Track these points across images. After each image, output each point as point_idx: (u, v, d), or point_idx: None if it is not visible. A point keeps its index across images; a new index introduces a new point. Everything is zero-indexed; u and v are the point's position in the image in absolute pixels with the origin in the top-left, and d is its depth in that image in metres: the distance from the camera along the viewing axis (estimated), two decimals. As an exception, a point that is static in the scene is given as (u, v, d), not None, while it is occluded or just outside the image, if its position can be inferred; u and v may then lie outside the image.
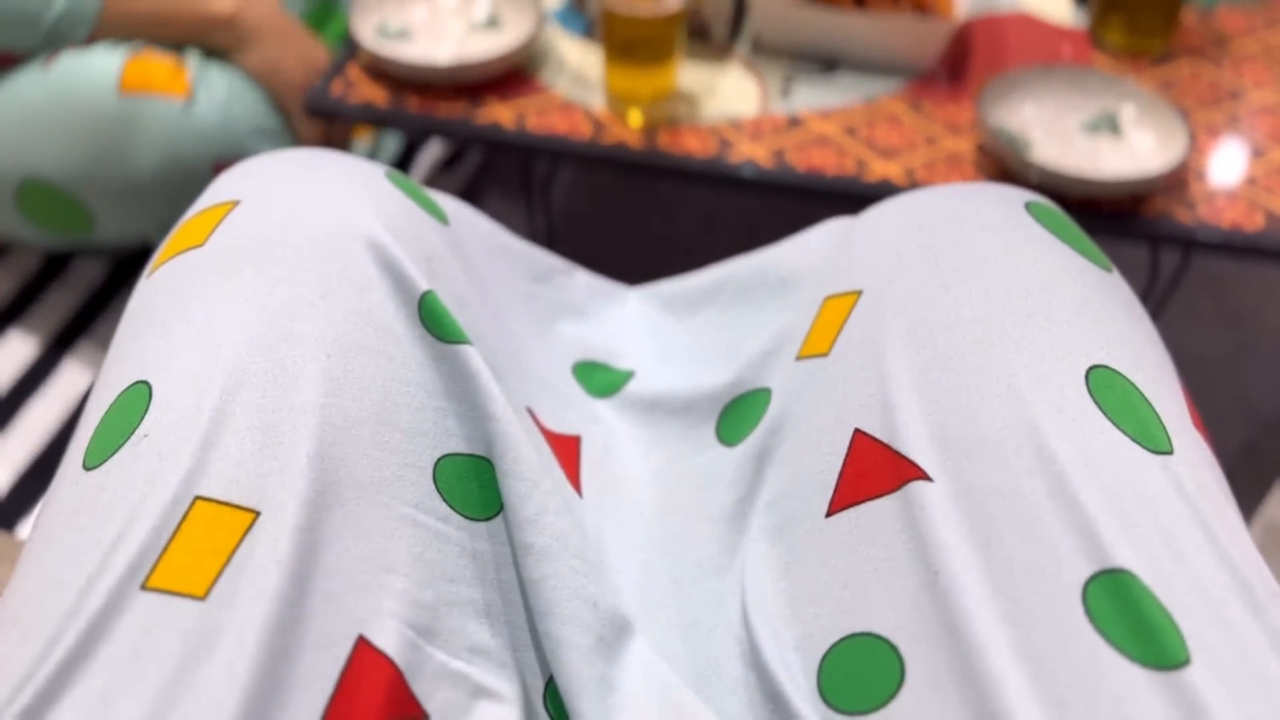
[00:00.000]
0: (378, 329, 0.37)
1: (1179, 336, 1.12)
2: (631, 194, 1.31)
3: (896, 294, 0.38)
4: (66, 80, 0.81)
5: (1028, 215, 0.40)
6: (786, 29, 0.88)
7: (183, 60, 0.83)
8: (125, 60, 0.81)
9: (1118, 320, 0.38)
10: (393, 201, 0.40)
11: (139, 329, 0.37)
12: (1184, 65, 0.90)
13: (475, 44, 0.89)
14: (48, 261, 0.98)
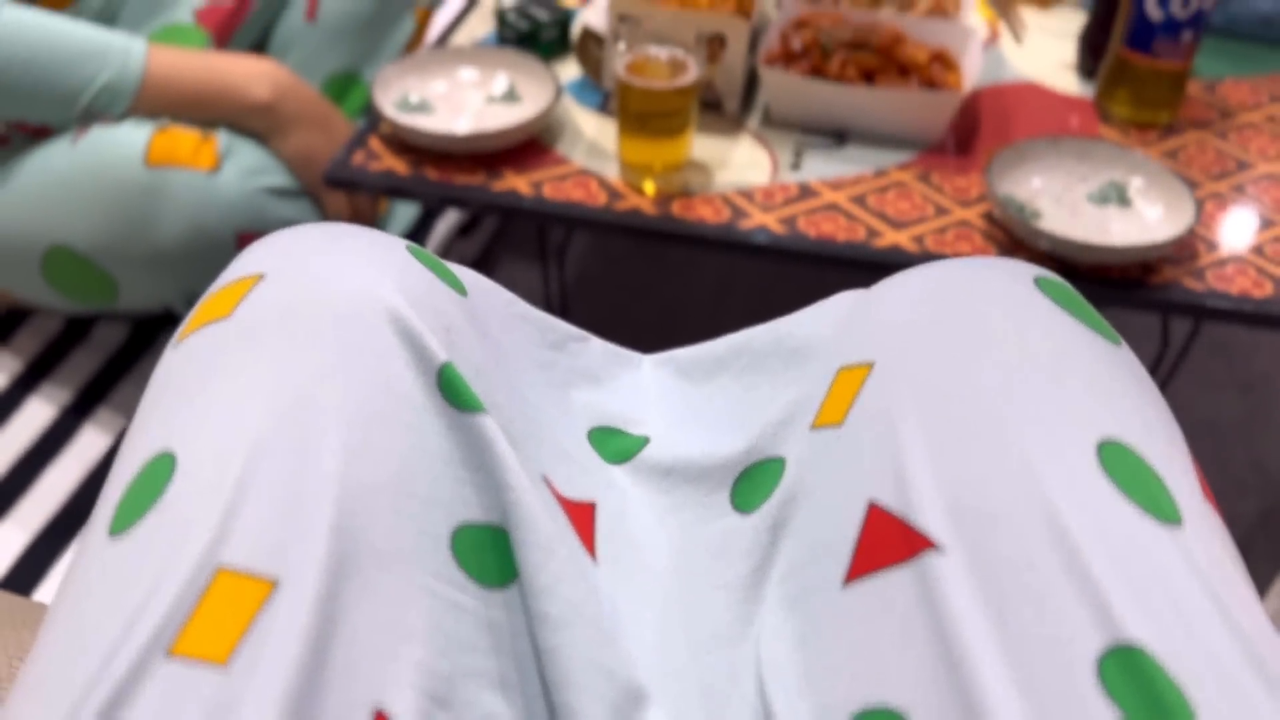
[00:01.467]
0: (397, 399, 0.37)
1: (1191, 403, 1.12)
2: (645, 259, 1.33)
3: (909, 366, 0.39)
4: (94, 152, 0.83)
5: (1037, 290, 0.41)
6: (796, 103, 0.90)
7: (211, 133, 0.86)
8: (152, 133, 0.83)
9: (1127, 393, 0.38)
10: (413, 274, 0.41)
11: (165, 398, 0.38)
12: (1190, 136, 0.91)
13: (494, 116, 0.91)
14: (70, 324, 1.00)
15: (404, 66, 0.93)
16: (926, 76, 0.88)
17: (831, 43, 0.89)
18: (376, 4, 1.13)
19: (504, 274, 1.30)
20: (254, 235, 0.86)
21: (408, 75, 0.93)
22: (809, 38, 0.89)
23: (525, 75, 0.94)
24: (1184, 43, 0.87)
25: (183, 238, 0.83)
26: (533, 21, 1.00)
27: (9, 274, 0.90)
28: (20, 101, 0.82)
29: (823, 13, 0.92)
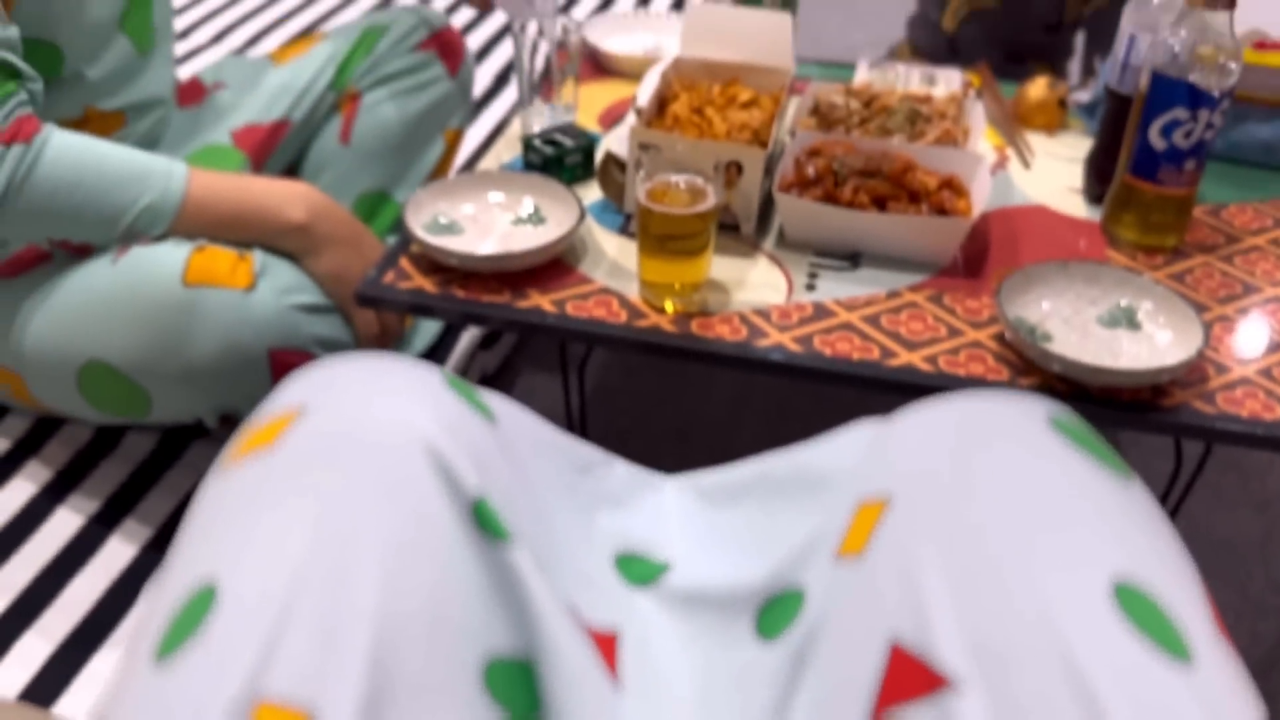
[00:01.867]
0: (432, 530, 0.39)
1: (1207, 523, 1.12)
2: (662, 372, 1.35)
3: (927, 503, 0.40)
4: (134, 270, 0.86)
5: (1050, 429, 0.42)
6: (811, 227, 0.93)
7: (247, 253, 0.89)
8: (191, 253, 0.87)
9: (1139, 530, 0.39)
10: (447, 404, 0.43)
11: (209, 526, 0.40)
12: (1197, 260, 0.94)
13: (520, 237, 0.94)
14: (100, 433, 1.02)
15: (435, 190, 0.97)
16: (937, 202, 0.91)
17: (844, 170, 0.92)
18: (408, 127, 1.18)
19: (524, 385, 1.33)
20: (286, 352, 0.89)
21: (439, 198, 0.96)
22: (822, 165, 0.93)
23: (550, 198, 0.98)
24: (1187, 171, 0.90)
25: (216, 354, 0.86)
26: (558, 147, 1.04)
27: (45, 386, 0.93)
28: (67, 222, 0.86)
29: (835, 141, 0.96)
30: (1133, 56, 0.95)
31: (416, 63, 1.18)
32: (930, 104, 1.04)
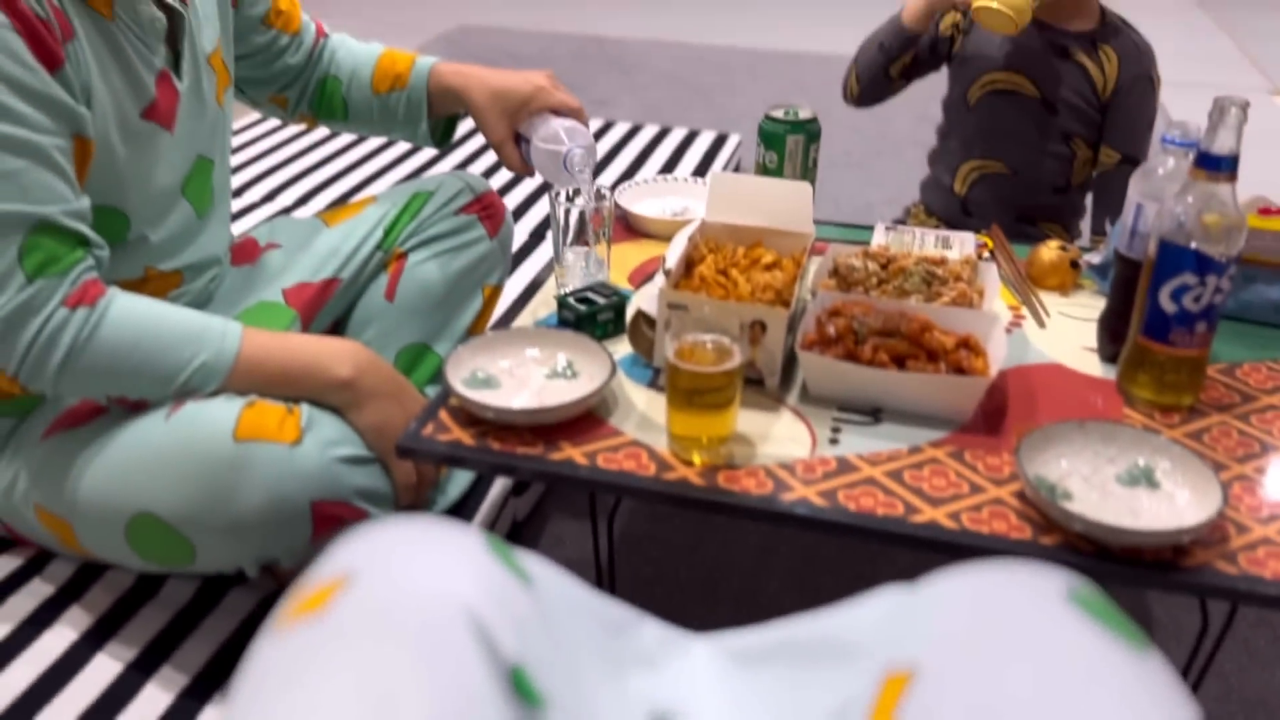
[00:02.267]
0: (472, 699, 0.41)
1: (1238, 680, 1.11)
2: (689, 520, 1.37)
3: (951, 677, 0.42)
4: (187, 425, 0.90)
5: (1069, 604, 0.45)
6: (833, 384, 0.96)
7: (295, 407, 0.93)
8: (242, 408, 0.90)
9: (1156, 704, 0.41)
10: (489, 572, 0.46)
11: (260, 693, 0.42)
12: (1213, 419, 0.96)
13: (553, 391, 0.98)
14: (141, 580, 1.05)
15: (475, 346, 1.01)
16: (955, 361, 0.94)
17: (864, 329, 0.96)
18: (449, 284, 1.25)
19: (553, 532, 1.35)
20: (327, 503, 0.92)
21: (478, 354, 1.01)
22: (843, 324, 0.97)
23: (583, 353, 1.02)
24: (1199, 333, 0.93)
25: (262, 508, 0.89)
26: (590, 305, 1.09)
27: (94, 536, 0.96)
28: (125, 381, 0.91)
29: (855, 302, 1.01)
30: (1140, 224, 0.99)
31: (459, 225, 1.26)
32: (945, 266, 1.09)
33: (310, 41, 1.26)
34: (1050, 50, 1.48)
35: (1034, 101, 1.49)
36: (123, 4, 0.95)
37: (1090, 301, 1.16)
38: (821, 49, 3.62)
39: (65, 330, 0.87)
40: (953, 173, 1.59)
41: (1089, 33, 1.48)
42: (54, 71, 0.86)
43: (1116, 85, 1.46)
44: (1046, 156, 1.52)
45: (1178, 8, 4.28)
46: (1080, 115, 1.48)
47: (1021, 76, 1.49)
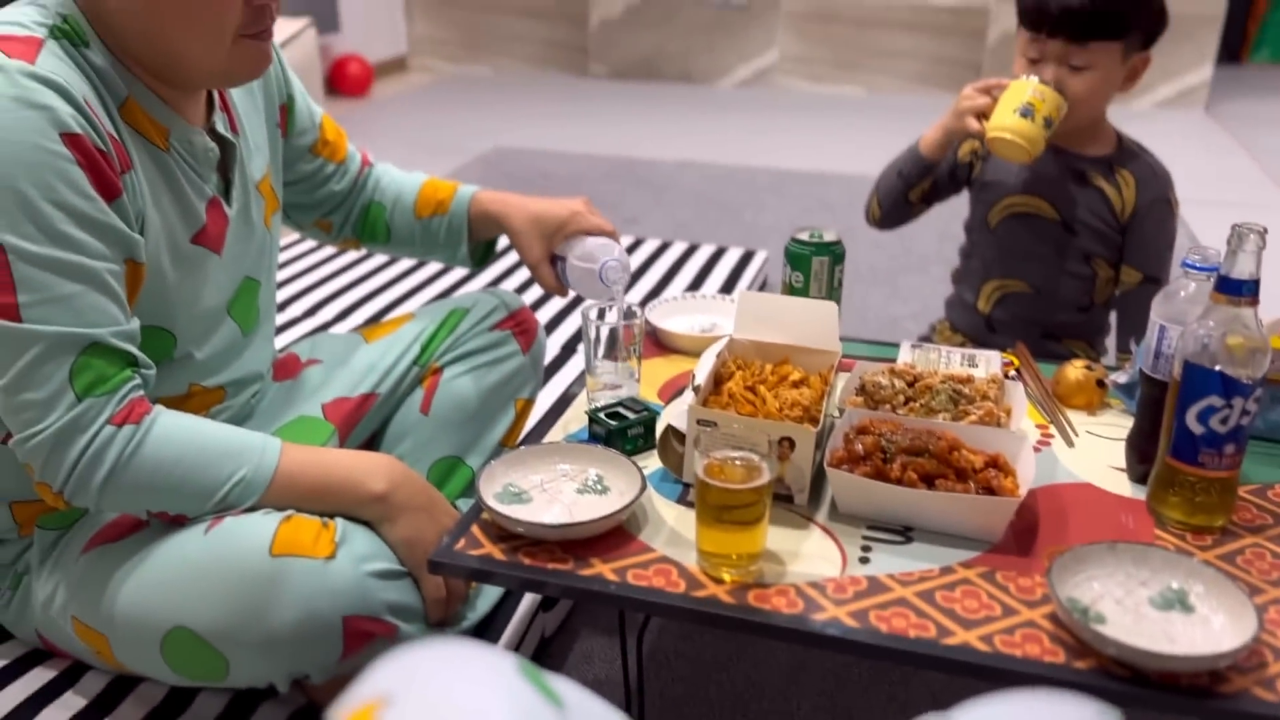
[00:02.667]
0: None
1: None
2: (720, 636, 1.35)
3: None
4: (224, 541, 0.91)
5: None
6: (862, 502, 0.97)
7: (330, 522, 0.95)
8: (279, 523, 0.92)
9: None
10: (521, 696, 0.47)
11: None
12: (1246, 541, 0.95)
13: (584, 506, 0.99)
14: (172, 693, 1.05)
15: (508, 461, 1.03)
16: (984, 480, 0.95)
17: (892, 447, 0.97)
18: (483, 398, 1.27)
19: (581, 649, 1.33)
20: (359, 619, 0.92)
21: (511, 469, 1.03)
22: (871, 442, 0.98)
23: (613, 468, 1.04)
24: (1228, 454, 0.94)
25: (295, 623, 0.89)
26: (620, 420, 1.11)
27: (129, 650, 0.97)
28: (165, 497, 0.93)
29: (882, 419, 1.02)
30: (1164, 345, 1.00)
31: (494, 340, 1.29)
32: (972, 385, 1.10)
33: (355, 170, 1.32)
34: (1068, 175, 1.52)
35: (1054, 224, 1.53)
36: (177, 136, 1.00)
37: (1118, 420, 1.16)
38: (845, 170, 3.71)
39: (110, 448, 0.89)
40: (976, 291, 1.62)
41: (1106, 158, 1.52)
42: (111, 201, 0.91)
43: (1135, 208, 1.50)
44: (1068, 276, 1.54)
45: (1196, 128, 4.36)
46: (1100, 237, 1.51)
47: (1041, 200, 1.53)
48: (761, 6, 4.91)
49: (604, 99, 4.79)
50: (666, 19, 5.06)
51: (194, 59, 0.95)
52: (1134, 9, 1.41)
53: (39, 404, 0.87)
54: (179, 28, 0.93)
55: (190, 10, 0.92)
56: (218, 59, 0.96)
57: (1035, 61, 1.45)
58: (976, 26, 4.68)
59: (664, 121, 4.49)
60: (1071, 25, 1.40)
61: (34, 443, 0.88)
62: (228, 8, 0.93)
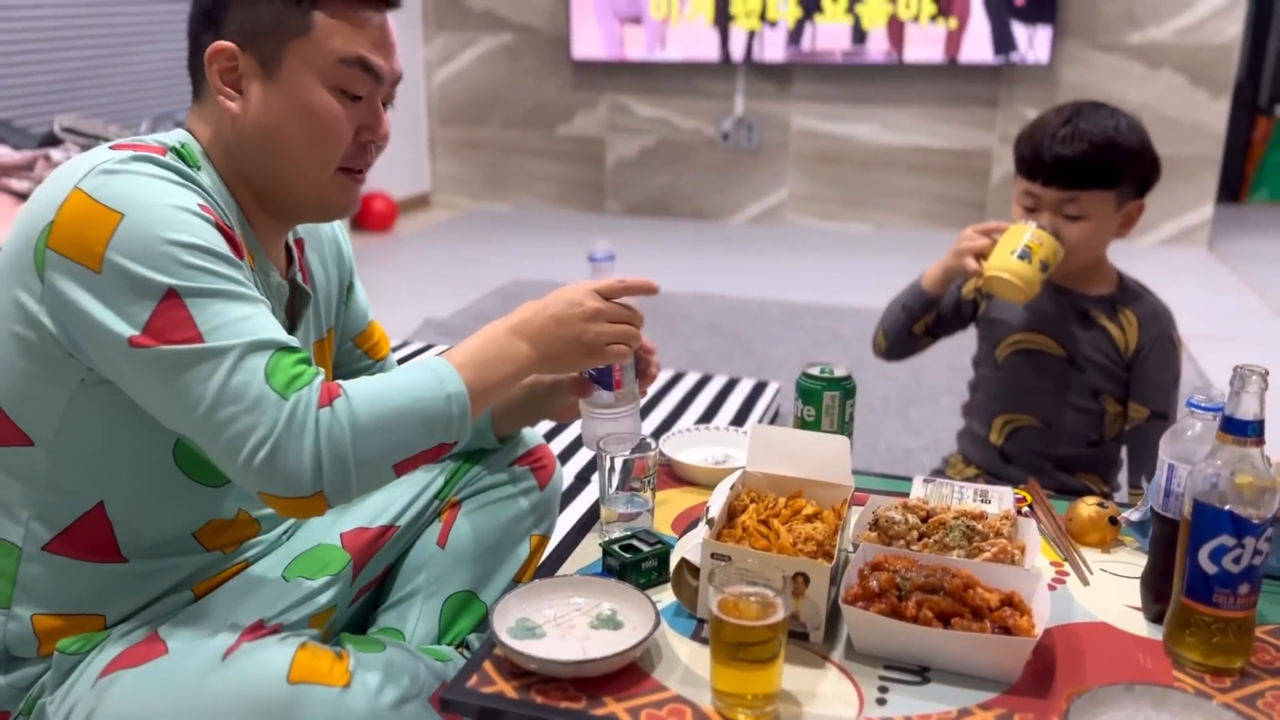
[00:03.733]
0: None
1: None
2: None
3: None
4: (242, 668, 0.92)
5: None
6: (878, 640, 0.96)
7: (344, 651, 0.95)
8: (296, 650, 0.93)
9: None
10: None
11: None
12: (1266, 683, 0.94)
13: (597, 640, 0.99)
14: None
15: (522, 595, 1.03)
16: (1000, 619, 0.94)
17: (907, 585, 0.98)
18: (498, 533, 1.28)
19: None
20: None
21: (525, 602, 1.03)
22: (885, 579, 0.98)
23: (626, 603, 1.04)
24: (1242, 594, 0.93)
25: None
26: (634, 553, 1.11)
27: None
28: (407, 436, 0.95)
29: (897, 556, 1.02)
30: (1173, 484, 1.01)
31: (512, 476, 1.31)
32: (985, 521, 1.11)
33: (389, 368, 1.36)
34: (1072, 313, 1.56)
35: (1060, 360, 1.56)
36: (259, 266, 1.06)
37: (1131, 558, 1.16)
38: (855, 303, 3.78)
39: (336, 424, 0.91)
40: (987, 424, 1.63)
41: (1108, 297, 1.56)
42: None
43: (1138, 346, 1.53)
44: (1076, 411, 1.56)
45: (1199, 265, 4.44)
46: (1106, 373, 1.54)
47: (1046, 337, 1.56)
48: (771, 148, 5.09)
49: (619, 234, 4.93)
50: (680, 159, 5.25)
51: (301, 184, 1.04)
52: (1126, 161, 1.47)
53: (245, 412, 0.89)
54: (295, 151, 1.02)
55: (312, 136, 1.02)
56: (320, 186, 1.05)
57: (1031, 209, 1.50)
58: (980, 167, 4.84)
59: (678, 256, 4.60)
60: (1065, 175, 1.46)
61: (261, 455, 0.89)
62: (341, 139, 1.04)
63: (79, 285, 0.89)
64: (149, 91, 3.84)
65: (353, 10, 1.01)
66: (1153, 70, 4.48)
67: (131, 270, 0.89)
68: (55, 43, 3.46)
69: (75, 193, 0.90)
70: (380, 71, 1.04)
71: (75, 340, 0.92)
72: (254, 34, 1.00)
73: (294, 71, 1.00)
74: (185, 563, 1.07)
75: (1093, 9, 4.48)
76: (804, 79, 4.94)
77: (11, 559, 1.00)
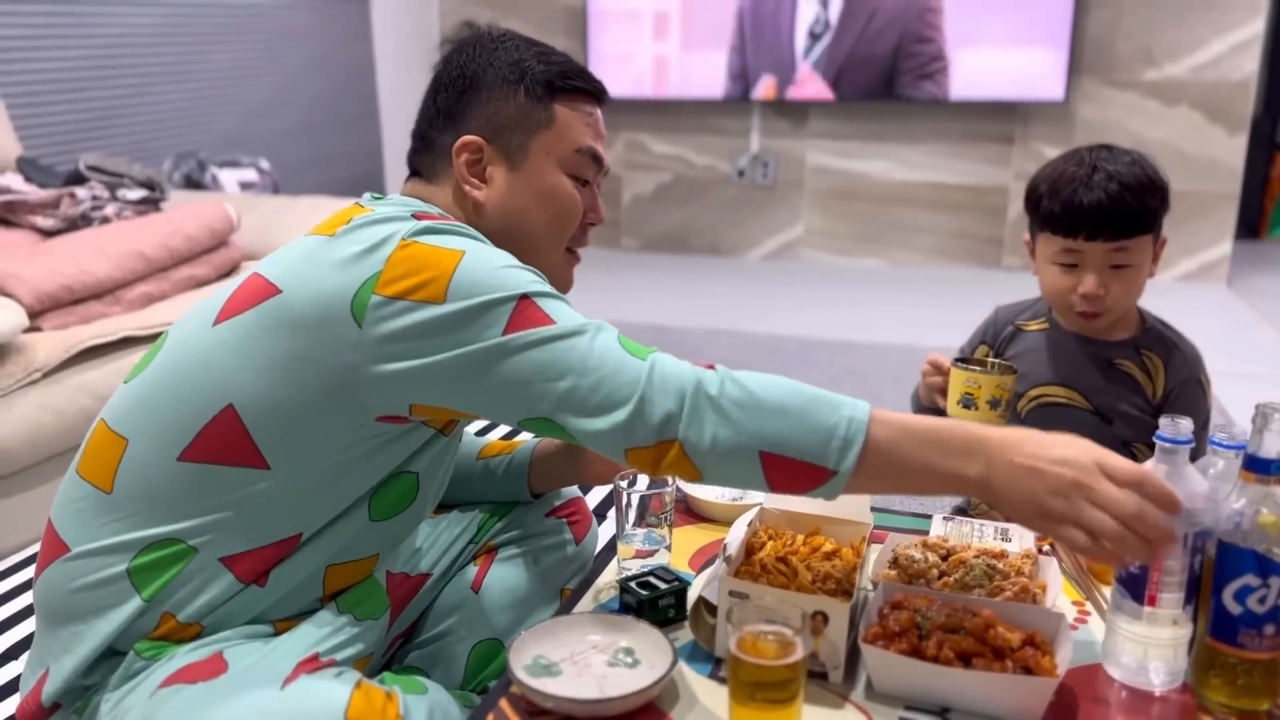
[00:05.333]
0: None
1: None
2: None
3: None
4: (301, 699, 0.91)
5: None
6: (898, 680, 0.95)
7: (394, 692, 0.95)
8: (353, 688, 0.93)
9: None
10: None
11: None
12: (1295, 727, 0.92)
13: (614, 679, 0.98)
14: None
15: (538, 632, 1.03)
16: (1021, 659, 0.93)
17: (927, 624, 0.97)
18: (530, 584, 1.29)
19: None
20: None
21: (541, 640, 1.02)
22: (905, 618, 0.97)
23: (643, 640, 1.03)
24: (1268, 635, 0.92)
25: None
26: (651, 590, 1.11)
27: None
28: (785, 418, 0.92)
29: (917, 594, 1.01)
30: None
31: (548, 527, 1.33)
32: (1006, 560, 1.09)
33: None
34: (1095, 363, 1.51)
35: (1086, 414, 1.51)
36: None
37: (1156, 598, 1.14)
38: (871, 338, 3.77)
39: (708, 375, 0.94)
40: None
41: (1131, 340, 1.52)
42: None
43: (1166, 391, 1.49)
44: None
45: (1218, 301, 4.42)
46: (1135, 423, 1.49)
47: (1071, 390, 1.52)
48: (786, 185, 5.11)
49: (635, 269, 4.94)
50: (695, 196, 5.27)
51: (538, 263, 1.08)
52: (1161, 200, 1.44)
53: (613, 371, 0.93)
54: (538, 232, 1.12)
55: (554, 218, 1.12)
56: (554, 264, 1.14)
57: (1072, 266, 1.44)
58: (996, 204, 4.84)
59: (693, 291, 4.61)
60: (1111, 225, 1.40)
61: (630, 406, 0.92)
62: (576, 220, 1.14)
63: (424, 321, 0.94)
64: (171, 131, 3.89)
65: (582, 104, 1.13)
66: (1169, 107, 4.48)
67: (482, 295, 0.95)
68: (80, 83, 3.52)
69: (405, 243, 0.97)
70: (603, 160, 1.15)
71: (401, 378, 0.95)
72: (500, 128, 1.10)
73: (539, 160, 1.11)
74: (301, 599, 1.07)
75: (1109, 46, 4.50)
76: (819, 116, 4.97)
77: (182, 561, 0.99)
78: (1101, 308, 1.45)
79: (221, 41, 4.06)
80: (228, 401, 0.98)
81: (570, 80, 1.12)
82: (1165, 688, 0.97)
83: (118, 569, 0.99)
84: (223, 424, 0.98)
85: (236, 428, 0.98)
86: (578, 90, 1.13)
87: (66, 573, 1.01)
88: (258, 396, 0.98)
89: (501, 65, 1.11)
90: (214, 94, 4.06)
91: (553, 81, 1.11)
